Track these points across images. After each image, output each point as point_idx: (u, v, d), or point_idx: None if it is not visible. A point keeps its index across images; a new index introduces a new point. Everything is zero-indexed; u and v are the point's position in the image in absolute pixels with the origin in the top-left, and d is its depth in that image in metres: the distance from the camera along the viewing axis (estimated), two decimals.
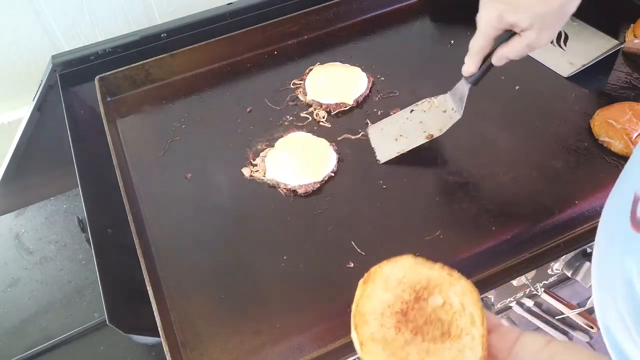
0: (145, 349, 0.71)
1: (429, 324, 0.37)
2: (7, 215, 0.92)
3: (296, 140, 0.77)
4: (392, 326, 0.37)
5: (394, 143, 0.74)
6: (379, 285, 0.39)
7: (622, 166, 0.71)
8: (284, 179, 0.72)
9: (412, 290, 0.38)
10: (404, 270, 0.39)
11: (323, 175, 0.72)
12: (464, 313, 0.37)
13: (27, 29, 0.94)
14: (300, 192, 0.71)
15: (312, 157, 0.73)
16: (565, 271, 0.76)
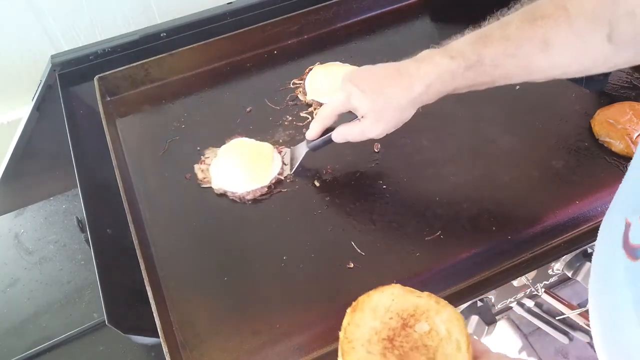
0: (144, 350, 0.71)
1: (415, 350, 0.37)
2: (7, 215, 0.92)
3: (239, 146, 0.77)
4: (378, 352, 0.37)
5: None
6: (367, 313, 0.40)
7: (623, 166, 0.71)
8: (231, 186, 0.72)
9: (399, 317, 0.39)
10: (392, 298, 0.41)
11: (270, 179, 0.72)
12: (450, 340, 0.38)
13: (27, 29, 0.94)
14: (249, 198, 0.71)
15: (256, 162, 0.73)
16: (566, 271, 0.76)
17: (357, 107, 0.63)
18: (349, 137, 0.66)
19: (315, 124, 0.69)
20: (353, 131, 0.65)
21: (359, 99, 0.62)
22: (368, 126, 0.63)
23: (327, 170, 0.74)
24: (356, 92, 0.62)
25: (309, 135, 0.70)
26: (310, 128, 0.69)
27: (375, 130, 0.63)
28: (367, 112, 0.62)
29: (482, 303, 0.69)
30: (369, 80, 0.62)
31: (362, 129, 0.64)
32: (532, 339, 1.31)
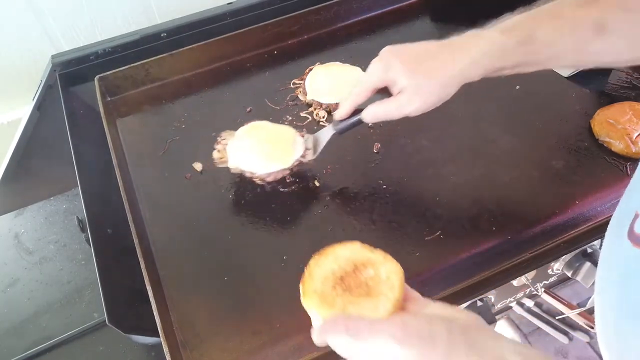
0: (145, 349, 0.71)
1: (358, 287, 0.48)
2: (7, 215, 0.92)
3: (259, 128, 0.74)
4: (330, 285, 0.49)
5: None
6: (329, 259, 0.51)
7: (623, 166, 0.71)
8: (250, 167, 0.69)
9: (353, 264, 0.50)
10: (351, 250, 0.51)
11: (292, 161, 0.69)
12: (387, 283, 0.48)
13: (27, 29, 0.94)
14: (269, 180, 0.69)
15: (277, 144, 0.70)
16: (566, 271, 0.76)
17: (395, 80, 0.59)
18: (382, 115, 0.62)
19: (345, 102, 0.64)
20: (387, 108, 0.60)
21: (398, 71, 0.58)
22: (405, 102, 0.59)
23: (327, 170, 0.74)
24: (396, 64, 0.58)
25: (338, 115, 0.66)
26: (340, 107, 0.65)
27: (412, 105, 0.59)
28: (406, 86, 0.58)
29: (482, 303, 0.69)
30: (410, 53, 0.59)
31: (399, 104, 0.59)
32: (532, 338, 1.31)
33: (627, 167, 0.71)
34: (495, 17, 0.94)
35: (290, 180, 0.73)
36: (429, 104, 0.59)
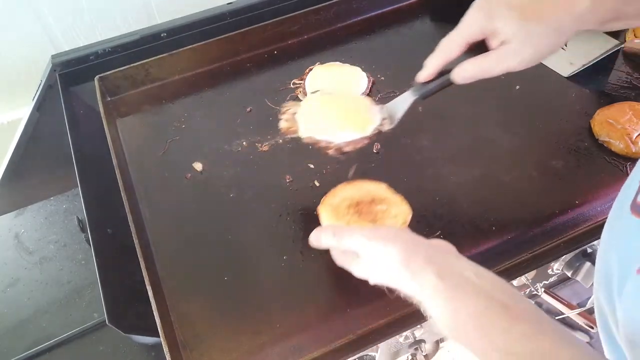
0: (145, 349, 0.71)
1: (368, 214, 0.56)
2: (7, 215, 0.92)
3: (330, 96, 0.69)
4: (345, 205, 0.58)
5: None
6: (355, 187, 0.60)
7: (623, 166, 0.71)
8: (326, 135, 0.63)
9: (372, 197, 0.58)
10: (376, 187, 0.60)
11: (371, 129, 0.63)
12: (393, 219, 0.56)
13: (27, 29, 0.94)
14: (347, 149, 0.63)
15: (352, 112, 0.64)
16: (566, 271, 0.76)
17: (500, 30, 0.51)
18: (479, 73, 0.54)
19: (432, 60, 0.56)
20: (487, 63, 0.53)
21: (504, 18, 0.50)
22: (511, 53, 0.51)
23: (327, 170, 0.74)
24: (501, 10, 0.50)
25: (422, 76, 0.58)
26: (426, 66, 0.57)
27: (520, 56, 0.52)
28: (513, 36, 0.50)
29: None
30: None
31: (501, 57, 0.52)
32: None
33: (627, 167, 0.71)
34: None
35: (291, 181, 0.73)
36: (539, 54, 0.52)
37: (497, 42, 0.52)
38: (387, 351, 0.69)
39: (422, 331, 0.69)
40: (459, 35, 0.54)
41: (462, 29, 0.54)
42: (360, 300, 0.61)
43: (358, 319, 0.59)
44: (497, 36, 0.52)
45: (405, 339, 0.69)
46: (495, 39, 0.52)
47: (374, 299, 0.61)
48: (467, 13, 0.54)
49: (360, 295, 0.61)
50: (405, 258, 0.46)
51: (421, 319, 0.60)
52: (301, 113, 0.65)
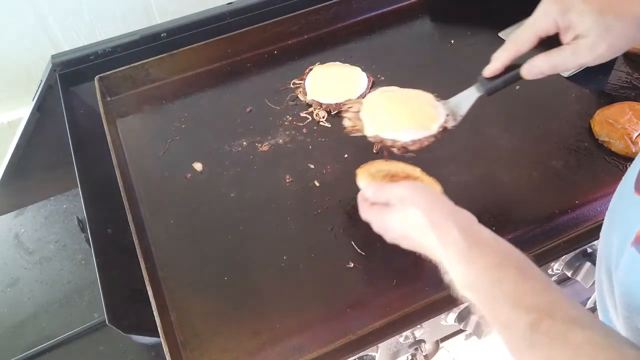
0: (145, 349, 0.71)
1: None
2: (7, 215, 0.92)
3: (393, 94, 0.68)
4: (381, 175, 0.61)
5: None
6: (392, 164, 0.64)
7: (623, 166, 0.71)
8: (391, 134, 0.62)
9: (404, 172, 0.62)
10: (412, 169, 0.63)
11: (436, 126, 0.62)
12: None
13: (27, 29, 0.94)
14: (413, 148, 0.63)
15: (417, 109, 0.63)
16: (566, 271, 0.76)
17: (575, 24, 0.50)
18: (550, 68, 0.53)
19: (501, 54, 0.55)
20: (560, 58, 0.51)
21: (580, 12, 0.49)
22: (586, 48, 0.50)
23: (327, 170, 0.74)
24: (577, 3, 0.49)
25: (489, 70, 0.57)
26: (494, 60, 0.56)
27: (596, 52, 0.50)
28: (589, 30, 0.49)
29: None
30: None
31: (576, 52, 0.50)
32: None
33: (627, 167, 0.71)
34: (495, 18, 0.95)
35: (291, 181, 0.73)
36: (615, 49, 0.50)
37: (570, 36, 0.51)
38: (387, 351, 0.69)
39: (422, 331, 0.68)
40: (531, 29, 0.53)
41: (534, 22, 0.52)
42: (360, 300, 0.61)
43: (358, 319, 0.59)
44: (571, 30, 0.51)
45: (405, 339, 0.69)
46: (569, 33, 0.51)
47: (374, 299, 0.61)
48: (540, 6, 0.52)
49: (361, 295, 0.61)
50: (429, 209, 0.49)
51: (421, 319, 0.60)
52: (365, 111, 0.65)
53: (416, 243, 0.51)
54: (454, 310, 0.67)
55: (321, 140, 0.79)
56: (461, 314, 0.68)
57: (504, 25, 0.93)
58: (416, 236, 0.50)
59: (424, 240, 0.50)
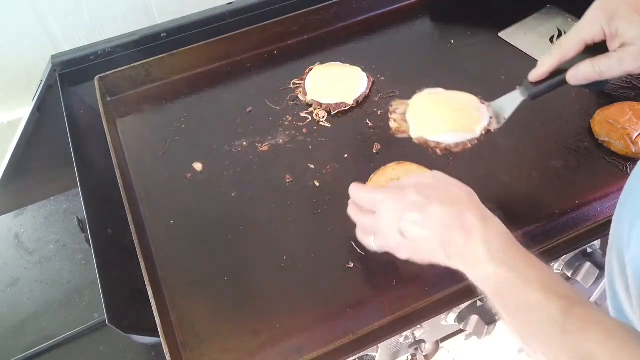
0: (145, 349, 0.71)
1: None
2: (7, 215, 0.92)
3: (438, 96, 0.68)
4: (386, 181, 0.65)
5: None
6: (404, 169, 0.66)
7: (623, 166, 0.71)
8: (436, 136, 0.63)
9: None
10: (413, 168, 0.66)
11: (480, 129, 0.62)
12: None
13: (27, 29, 0.94)
14: (456, 150, 0.64)
15: (461, 111, 0.64)
16: (565, 271, 0.76)
17: (622, 32, 0.50)
18: (596, 75, 0.53)
19: (547, 59, 0.55)
20: (607, 65, 0.52)
21: (628, 18, 0.49)
22: (631, 57, 0.50)
23: (327, 170, 0.74)
24: (624, 10, 0.50)
25: (534, 75, 0.57)
26: (540, 65, 0.56)
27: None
28: (636, 38, 0.49)
29: (482, 303, 0.69)
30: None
31: (622, 59, 0.51)
32: None
33: (627, 167, 0.71)
34: (495, 18, 0.95)
35: (291, 181, 0.73)
36: None
37: (617, 44, 0.51)
38: (387, 351, 0.69)
39: (422, 331, 0.68)
40: (579, 35, 0.53)
41: (582, 28, 0.53)
42: (360, 300, 0.61)
43: (358, 319, 0.59)
44: (618, 38, 0.51)
45: (405, 339, 0.69)
46: (616, 41, 0.51)
47: (373, 299, 0.61)
48: (588, 13, 0.53)
49: (360, 295, 0.61)
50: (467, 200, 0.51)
51: (421, 319, 0.60)
52: (411, 113, 0.65)
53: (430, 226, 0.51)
54: (454, 310, 0.67)
55: (321, 140, 0.79)
56: (461, 314, 0.68)
57: (504, 25, 0.93)
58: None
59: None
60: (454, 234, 0.49)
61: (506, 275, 0.45)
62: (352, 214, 0.60)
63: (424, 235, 0.51)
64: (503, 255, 0.46)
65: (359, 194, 0.58)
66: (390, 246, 0.56)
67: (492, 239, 0.48)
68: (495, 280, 0.46)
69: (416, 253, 0.54)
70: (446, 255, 0.50)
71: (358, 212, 0.59)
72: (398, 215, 0.53)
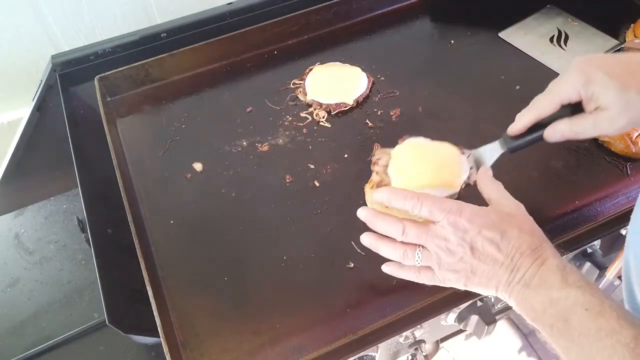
0: (145, 349, 0.71)
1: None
2: (7, 215, 0.92)
3: (418, 147, 0.68)
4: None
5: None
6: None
7: (623, 166, 0.71)
8: (415, 189, 0.62)
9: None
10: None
11: (460, 184, 0.63)
12: None
13: (27, 29, 0.94)
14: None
15: (442, 165, 0.64)
16: None
17: (598, 95, 0.52)
18: (573, 135, 0.55)
19: (525, 115, 0.57)
20: (582, 127, 0.53)
21: (603, 84, 0.51)
22: (606, 120, 0.52)
23: (327, 170, 0.74)
24: (600, 76, 0.51)
25: (513, 129, 0.58)
26: (517, 120, 0.57)
27: (616, 125, 0.52)
28: (611, 104, 0.51)
29: (482, 303, 0.69)
30: (618, 64, 0.52)
31: (597, 123, 0.52)
32: (532, 339, 1.31)
33: (627, 167, 0.71)
34: (495, 18, 0.95)
35: (291, 181, 0.73)
36: (636, 123, 0.53)
37: (592, 106, 0.53)
38: (387, 351, 0.69)
39: (422, 331, 0.68)
40: (556, 96, 0.55)
41: (559, 90, 0.55)
42: (360, 300, 0.61)
43: (358, 319, 0.59)
44: (593, 101, 0.53)
45: (405, 339, 0.69)
46: (592, 103, 0.53)
47: (373, 299, 0.61)
48: (565, 75, 0.55)
49: (360, 295, 0.61)
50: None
51: (421, 319, 0.60)
52: (393, 166, 0.65)
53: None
54: (454, 311, 0.67)
55: (321, 140, 0.79)
56: (461, 314, 0.68)
57: (504, 25, 0.93)
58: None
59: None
60: (526, 260, 0.50)
61: (582, 298, 0.46)
62: (386, 225, 0.55)
63: (495, 259, 0.51)
64: (578, 280, 0.48)
65: (411, 200, 0.54)
66: (439, 263, 0.53)
67: (566, 267, 0.49)
68: (566, 305, 0.47)
69: (467, 276, 0.53)
70: (507, 282, 0.50)
71: (395, 220, 0.55)
72: (476, 229, 0.51)
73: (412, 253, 0.55)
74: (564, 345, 0.47)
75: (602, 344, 0.43)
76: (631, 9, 0.92)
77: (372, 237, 0.57)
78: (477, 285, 0.53)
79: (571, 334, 0.46)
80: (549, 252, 0.51)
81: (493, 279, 0.51)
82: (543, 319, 0.48)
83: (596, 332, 0.44)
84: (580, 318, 0.45)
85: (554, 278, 0.48)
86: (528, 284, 0.49)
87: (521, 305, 0.50)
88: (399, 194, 0.55)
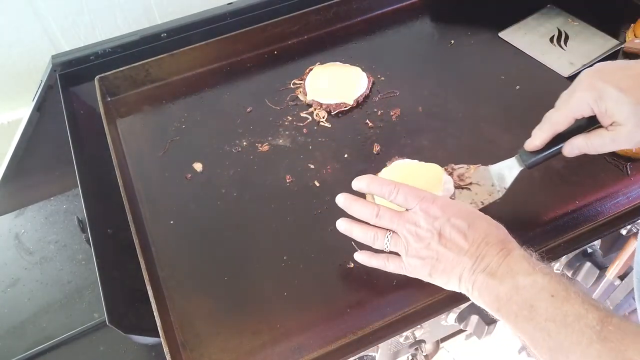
0: (145, 349, 0.71)
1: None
2: (7, 215, 0.92)
3: (403, 169, 0.71)
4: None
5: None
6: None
7: (623, 166, 0.71)
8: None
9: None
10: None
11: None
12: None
13: (27, 29, 0.94)
14: None
15: (424, 185, 0.65)
16: (566, 271, 0.76)
17: (612, 111, 0.52)
18: (591, 150, 0.55)
19: (540, 131, 0.57)
20: (599, 142, 0.54)
21: (615, 99, 0.51)
22: (624, 135, 0.52)
23: (327, 170, 0.74)
24: (611, 91, 0.51)
25: (530, 145, 0.58)
26: (533, 136, 0.58)
27: (634, 139, 0.52)
28: (626, 119, 0.51)
29: None
30: (628, 77, 0.51)
31: (615, 138, 0.53)
32: None
33: (627, 167, 0.71)
34: (495, 18, 0.95)
35: (291, 181, 0.73)
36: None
37: (608, 121, 0.53)
38: (387, 351, 0.69)
39: (422, 331, 0.68)
40: (569, 112, 0.55)
41: (571, 107, 0.54)
42: (360, 300, 0.61)
43: (358, 319, 0.59)
44: (608, 117, 0.52)
45: (406, 339, 0.69)
46: (606, 118, 0.53)
47: (373, 299, 0.61)
48: (575, 92, 0.54)
49: (360, 295, 0.61)
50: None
51: (421, 319, 0.60)
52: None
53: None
54: (454, 310, 0.67)
55: (321, 140, 0.79)
56: (461, 314, 0.68)
57: (504, 25, 0.93)
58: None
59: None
60: (491, 250, 0.51)
61: (548, 285, 0.47)
62: (361, 208, 0.57)
63: (461, 247, 0.52)
64: (544, 268, 0.49)
65: (388, 186, 0.56)
66: (407, 248, 0.55)
67: (532, 257, 0.51)
68: (532, 292, 0.47)
69: (432, 264, 0.54)
70: (471, 270, 0.51)
71: (371, 204, 0.57)
72: (445, 217, 0.52)
73: (382, 236, 0.56)
74: (530, 333, 0.47)
75: (569, 328, 0.44)
76: (631, 9, 0.92)
77: (346, 221, 0.59)
78: (441, 274, 0.53)
79: (537, 320, 0.46)
80: (514, 244, 0.52)
81: (457, 267, 0.52)
82: (507, 308, 0.48)
83: (563, 318, 0.44)
84: (546, 305, 0.46)
85: (520, 266, 0.49)
86: (493, 272, 0.50)
87: (484, 295, 0.50)
88: (376, 180, 0.57)
